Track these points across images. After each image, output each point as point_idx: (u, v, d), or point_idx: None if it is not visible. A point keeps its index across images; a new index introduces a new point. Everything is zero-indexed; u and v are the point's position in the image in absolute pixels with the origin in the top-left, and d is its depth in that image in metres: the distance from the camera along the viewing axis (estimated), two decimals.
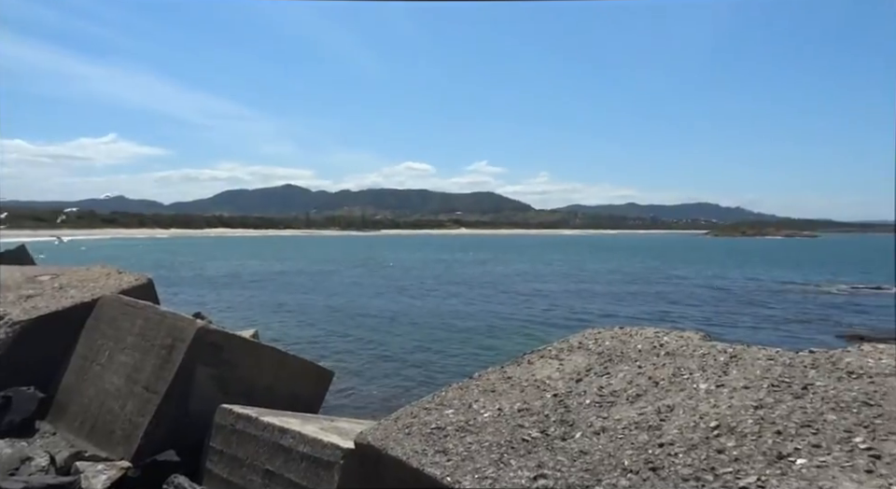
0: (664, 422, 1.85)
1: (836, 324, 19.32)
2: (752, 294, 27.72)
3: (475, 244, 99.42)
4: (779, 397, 1.86)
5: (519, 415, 2.10)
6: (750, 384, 1.99)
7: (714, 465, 1.54)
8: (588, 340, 2.85)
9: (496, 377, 2.55)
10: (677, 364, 2.33)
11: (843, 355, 2.10)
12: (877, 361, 1.98)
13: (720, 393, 1.97)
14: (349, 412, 6.19)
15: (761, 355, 2.25)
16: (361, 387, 8.01)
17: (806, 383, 1.92)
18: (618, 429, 1.86)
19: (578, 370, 2.47)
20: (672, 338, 2.66)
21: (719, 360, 2.28)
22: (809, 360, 2.11)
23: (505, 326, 15.37)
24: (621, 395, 2.14)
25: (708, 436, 1.69)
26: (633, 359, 2.48)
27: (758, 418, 1.74)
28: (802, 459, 1.48)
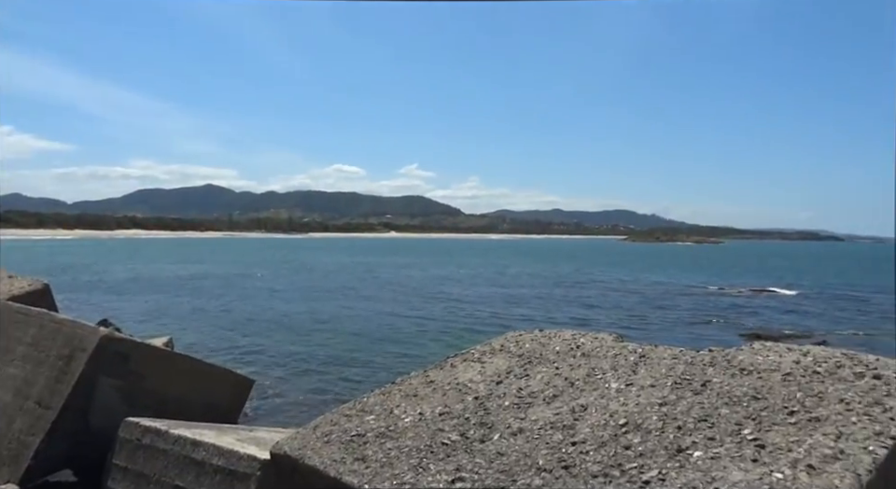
0: (577, 421, 1.92)
1: (736, 324, 20.94)
2: (663, 296, 29.51)
3: (405, 248, 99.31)
4: (681, 393, 1.98)
5: (440, 419, 2.11)
6: (656, 383, 2.11)
7: (621, 461, 1.62)
8: (509, 343, 2.91)
9: (418, 382, 2.55)
10: (591, 364, 2.43)
11: (737, 353, 2.27)
12: (765, 358, 2.16)
13: (629, 391, 2.07)
14: (271, 421, 5.97)
15: (666, 354, 2.40)
16: (284, 395, 7.75)
17: (705, 379, 2.06)
18: (534, 430, 1.91)
19: (499, 372, 2.51)
20: (588, 339, 2.78)
21: (629, 360, 2.40)
22: (708, 359, 2.27)
23: (430, 330, 15.43)
24: (538, 396, 2.20)
25: (617, 433, 1.78)
26: (551, 361, 2.56)
27: (662, 414, 1.85)
28: (698, 452, 1.58)
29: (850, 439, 1.50)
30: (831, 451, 1.46)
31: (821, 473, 1.38)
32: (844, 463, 1.40)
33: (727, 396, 1.90)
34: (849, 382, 1.83)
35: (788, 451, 1.50)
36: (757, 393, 1.88)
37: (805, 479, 1.37)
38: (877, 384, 1.78)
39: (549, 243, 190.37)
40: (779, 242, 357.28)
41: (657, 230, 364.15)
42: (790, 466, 1.43)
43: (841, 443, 1.49)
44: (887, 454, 1.42)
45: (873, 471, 1.37)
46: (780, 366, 2.06)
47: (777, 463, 1.45)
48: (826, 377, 1.90)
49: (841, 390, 1.78)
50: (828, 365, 1.99)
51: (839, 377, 1.88)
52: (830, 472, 1.37)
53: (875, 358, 1.99)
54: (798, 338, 18.53)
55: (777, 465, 1.45)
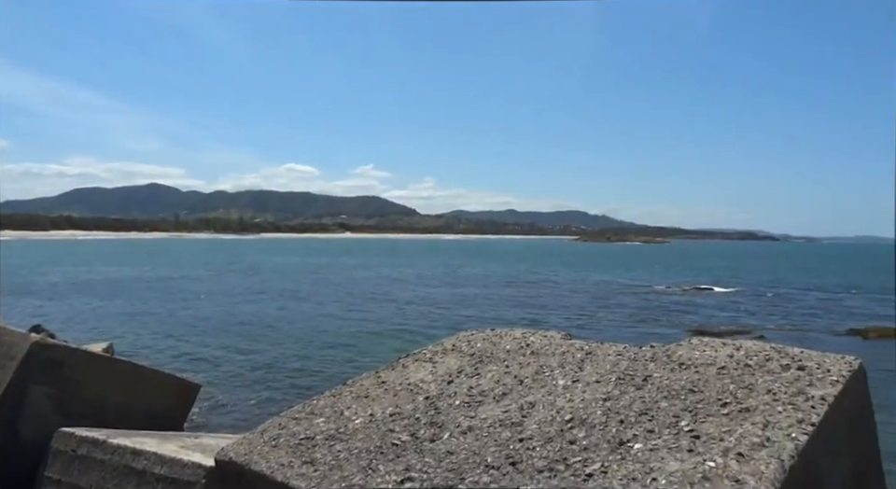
0: (525, 418, 1.96)
1: (680, 321, 21.82)
2: (612, 295, 30.41)
3: (359, 249, 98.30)
4: (624, 388, 2.06)
5: (391, 420, 2.11)
6: (601, 379, 2.18)
7: (566, 455, 1.66)
8: (461, 342, 2.94)
9: (370, 382, 2.54)
10: (540, 362, 2.48)
11: (676, 348, 2.37)
12: (702, 353, 2.26)
13: (575, 388, 2.13)
14: (219, 426, 5.80)
15: (611, 351, 2.47)
16: (232, 400, 7.55)
17: (647, 374, 2.14)
18: (484, 428, 1.94)
19: (450, 371, 2.53)
20: (537, 338, 2.84)
21: (576, 357, 2.47)
22: (650, 354, 2.36)
23: (382, 331, 15.37)
24: (488, 394, 2.23)
25: (563, 429, 1.82)
26: (501, 359, 2.60)
27: (606, 409, 1.91)
28: (638, 444, 1.65)
29: (776, 427, 1.59)
30: (759, 439, 1.55)
31: (749, 460, 1.46)
32: (770, 450, 1.48)
33: (667, 390, 1.99)
34: (777, 373, 1.94)
35: (720, 440, 1.58)
36: (694, 386, 1.97)
37: (734, 466, 1.44)
38: (801, 375, 1.89)
39: (503, 243, 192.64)
40: (721, 241, 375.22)
41: (608, 230, 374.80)
42: (721, 454, 1.51)
43: (768, 431, 1.58)
44: (808, 439, 1.52)
45: (795, 457, 1.46)
46: (716, 360, 2.16)
47: (710, 452, 1.53)
48: (756, 370, 2.01)
49: (769, 381, 1.89)
50: (758, 358, 2.10)
51: (768, 369, 1.99)
52: (757, 459, 1.45)
53: (800, 351, 2.12)
54: (736, 333, 19.45)
55: (711, 454, 1.52)
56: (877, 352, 18.36)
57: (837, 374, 1.85)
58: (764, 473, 1.40)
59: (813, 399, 1.72)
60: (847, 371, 1.87)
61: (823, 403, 1.69)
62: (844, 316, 25.80)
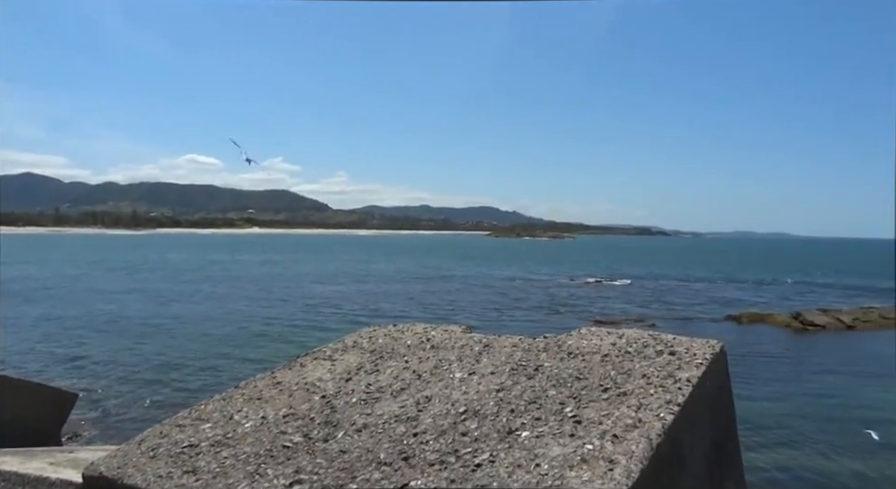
0: (421, 412, 1.97)
1: (582, 311, 23.07)
2: (519, 288, 31.52)
3: (268, 245, 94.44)
4: (517, 379, 2.13)
5: (283, 421, 2.04)
6: (496, 370, 2.24)
7: (458, 447, 1.69)
8: (363, 339, 2.91)
9: (264, 383, 2.45)
10: (439, 356, 2.51)
11: (567, 338, 2.50)
12: (589, 342, 2.40)
13: (471, 380, 2.18)
14: (100, 438, 5.34)
15: (507, 343, 2.56)
16: (116, 408, 6.99)
17: (538, 364, 2.23)
18: (379, 424, 1.93)
19: (349, 369, 2.50)
20: (438, 332, 2.87)
21: (474, 350, 2.52)
22: (543, 345, 2.46)
23: (283, 330, 14.91)
24: (386, 390, 2.23)
25: (456, 421, 1.86)
26: (402, 355, 2.60)
27: (498, 400, 1.97)
28: (526, 432, 1.71)
29: (647, 408, 1.72)
30: (632, 420, 1.66)
31: (623, 441, 1.56)
32: (641, 430, 1.60)
33: (555, 378, 2.08)
34: (652, 359, 2.10)
35: (599, 424, 1.68)
36: (580, 374, 2.09)
37: (609, 447, 1.54)
38: (672, 360, 2.06)
39: (417, 238, 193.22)
40: (621, 236, 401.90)
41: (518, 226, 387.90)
42: (599, 437, 1.60)
43: (640, 413, 1.70)
44: (673, 418, 1.66)
45: (662, 435, 1.58)
46: (600, 348, 2.30)
47: (589, 435, 1.62)
48: (635, 356, 2.16)
49: (645, 366, 2.04)
50: (637, 345, 2.26)
51: (645, 355, 2.15)
52: (629, 440, 1.56)
53: (673, 337, 2.30)
54: (629, 322, 20.88)
55: (590, 437, 1.61)
56: (748, 334, 20.53)
57: (702, 357, 2.04)
58: (635, 452, 1.50)
59: (680, 381, 1.87)
60: (710, 354, 2.06)
61: (688, 384, 1.84)
62: (723, 304, 28.55)
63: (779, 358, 16.70)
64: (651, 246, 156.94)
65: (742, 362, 15.55)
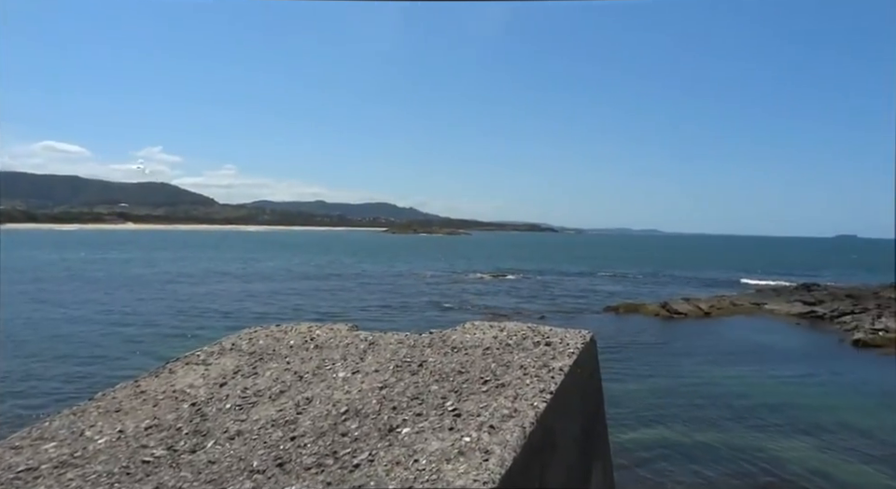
0: (300, 415, 1.90)
1: (474, 306, 23.73)
2: (414, 284, 31.77)
3: (143, 242, 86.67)
4: (400, 376, 2.12)
5: (145, 434, 1.87)
6: (380, 368, 2.22)
7: (337, 448, 1.65)
8: (242, 341, 2.75)
9: (125, 394, 2.22)
10: (323, 356, 2.44)
11: (451, 333, 2.53)
12: (473, 336, 2.45)
13: (354, 379, 2.14)
14: None
15: (393, 340, 2.54)
16: None
17: (422, 360, 2.24)
18: (254, 430, 1.83)
19: (224, 373, 2.35)
20: (323, 331, 2.79)
21: (359, 348, 2.48)
22: (428, 340, 2.48)
23: (155, 335, 13.78)
24: (264, 393, 2.12)
25: (337, 422, 1.81)
26: (283, 356, 2.49)
27: (381, 398, 1.95)
28: (407, 428, 1.71)
29: (523, 398, 1.79)
30: (508, 410, 1.72)
31: (499, 431, 1.61)
32: (515, 420, 1.66)
33: (438, 373, 2.10)
34: (529, 350, 2.20)
35: (477, 416, 1.72)
36: (462, 367, 2.12)
37: (486, 438, 1.58)
38: (547, 350, 2.17)
39: (311, 235, 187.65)
40: (512, 232, 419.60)
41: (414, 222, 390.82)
42: (476, 429, 1.64)
43: (516, 403, 1.77)
44: (546, 407, 1.74)
45: (535, 423, 1.65)
46: (482, 341, 2.36)
47: (467, 428, 1.65)
48: (514, 348, 2.25)
49: (522, 357, 2.13)
50: (517, 337, 2.35)
51: (523, 347, 2.24)
52: (505, 430, 1.61)
53: (549, 329, 2.42)
54: (520, 316, 21.85)
55: (468, 429, 1.65)
56: (624, 323, 22.36)
57: (574, 347, 2.16)
58: (509, 441, 1.55)
59: (553, 370, 1.97)
60: (581, 344, 2.19)
61: (561, 373, 1.95)
62: (603, 297, 30.81)
63: (650, 344, 18.36)
64: (539, 242, 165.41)
65: (619, 349, 16.90)
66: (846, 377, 14.45)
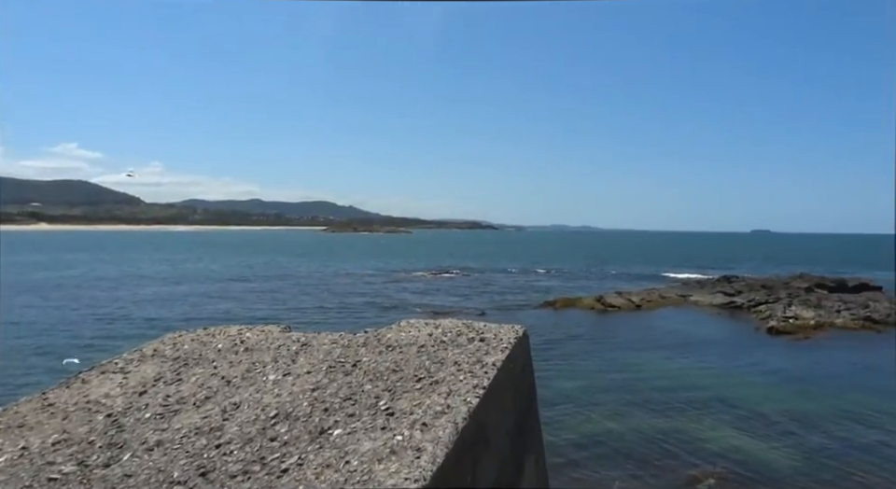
0: (227, 421, 1.82)
1: (415, 305, 23.71)
2: (353, 284, 31.37)
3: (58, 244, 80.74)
4: (334, 376, 2.08)
5: (52, 450, 1.73)
6: (313, 369, 2.17)
7: (264, 454, 1.60)
8: (165, 346, 2.61)
9: (30, 407, 2.06)
10: (253, 359, 2.36)
11: (386, 331, 2.51)
12: (408, 333, 2.44)
13: (285, 382, 2.08)
14: None
15: (327, 340, 2.49)
16: None
17: (356, 360, 2.21)
18: (176, 439, 1.74)
19: (145, 381, 2.22)
20: (254, 333, 2.69)
21: (291, 350, 2.41)
22: (362, 340, 2.44)
23: (68, 343, 12.86)
24: (188, 400, 2.02)
25: (265, 426, 1.75)
26: (210, 360, 2.39)
27: (312, 400, 1.90)
28: (339, 430, 1.67)
29: (456, 394, 1.80)
30: (441, 407, 1.72)
31: (431, 428, 1.61)
32: (448, 416, 1.66)
33: (373, 372, 2.08)
34: (464, 346, 2.21)
35: (410, 414, 1.71)
36: (396, 366, 2.11)
37: (418, 436, 1.58)
38: (482, 346, 2.19)
39: (246, 234, 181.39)
40: (454, 231, 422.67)
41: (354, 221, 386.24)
42: (409, 427, 1.63)
43: (450, 400, 1.77)
44: (479, 402, 1.75)
45: (467, 418, 1.66)
46: (417, 339, 2.36)
47: (400, 427, 1.64)
48: (449, 345, 2.25)
49: (457, 354, 2.13)
50: (451, 334, 2.36)
51: (458, 343, 2.25)
52: (437, 426, 1.61)
53: (484, 325, 2.45)
54: (458, 312, 22.02)
55: (400, 428, 1.63)
56: (561, 317, 23.03)
57: (507, 342, 2.19)
58: (441, 438, 1.55)
59: (487, 366, 1.99)
60: (514, 338, 2.23)
61: (494, 368, 1.97)
62: (541, 292, 31.61)
63: (586, 337, 19.01)
64: (480, 239, 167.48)
65: (557, 342, 17.40)
66: (761, 363, 15.53)
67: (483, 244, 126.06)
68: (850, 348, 17.75)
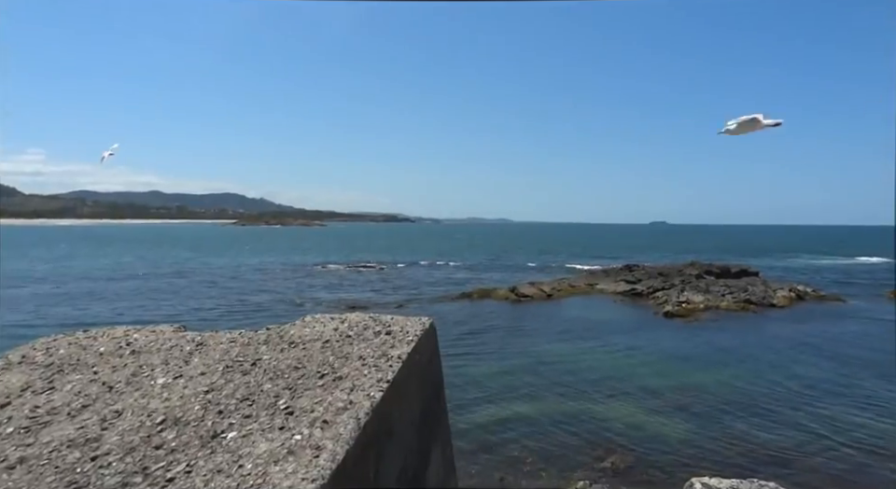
0: (105, 431, 1.67)
1: (325, 298, 23.22)
2: (261, 278, 30.15)
3: None
4: (230, 376, 1.97)
5: None
6: (207, 370, 2.04)
7: (148, 464, 1.48)
8: (37, 351, 2.35)
9: None
10: (140, 362, 2.18)
11: (290, 328, 2.42)
12: (312, 329, 2.37)
13: (176, 384, 1.94)
14: None
15: (225, 339, 2.36)
16: None
17: (256, 358, 2.11)
18: (43, 454, 1.56)
19: (9, 392, 1.98)
20: (143, 335, 2.50)
21: (185, 350, 2.26)
22: (264, 337, 2.34)
23: None
24: (61, 411, 1.83)
25: (151, 434, 1.62)
26: (90, 365, 2.18)
27: (206, 402, 1.79)
28: (233, 433, 1.58)
29: (360, 389, 1.76)
30: (343, 403, 1.68)
31: (332, 425, 1.56)
32: (350, 412, 1.62)
33: (273, 371, 1.99)
34: (370, 340, 2.17)
35: (311, 412, 1.66)
36: (299, 363, 2.03)
37: (318, 434, 1.53)
38: (388, 339, 2.16)
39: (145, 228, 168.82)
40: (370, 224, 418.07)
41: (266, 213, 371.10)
42: (309, 425, 1.57)
43: (353, 395, 1.73)
44: (382, 396, 1.73)
45: (370, 413, 1.63)
46: (322, 335, 2.29)
47: (299, 425, 1.58)
48: (355, 339, 2.21)
49: (362, 348, 2.10)
50: (358, 328, 2.32)
51: (364, 337, 2.21)
52: (339, 423, 1.57)
53: (391, 318, 2.42)
54: (375, 306, 21.87)
55: (300, 427, 1.57)
56: (477, 308, 23.52)
57: (413, 334, 2.18)
58: (342, 435, 1.51)
59: (392, 359, 1.97)
60: (420, 331, 2.22)
61: (399, 361, 1.95)
62: (457, 284, 32.09)
63: (501, 326, 19.54)
64: (397, 232, 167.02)
65: (474, 333, 17.74)
66: (658, 345, 16.76)
67: (399, 237, 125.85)
68: (733, 328, 19.59)
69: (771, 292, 26.52)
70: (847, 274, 40.54)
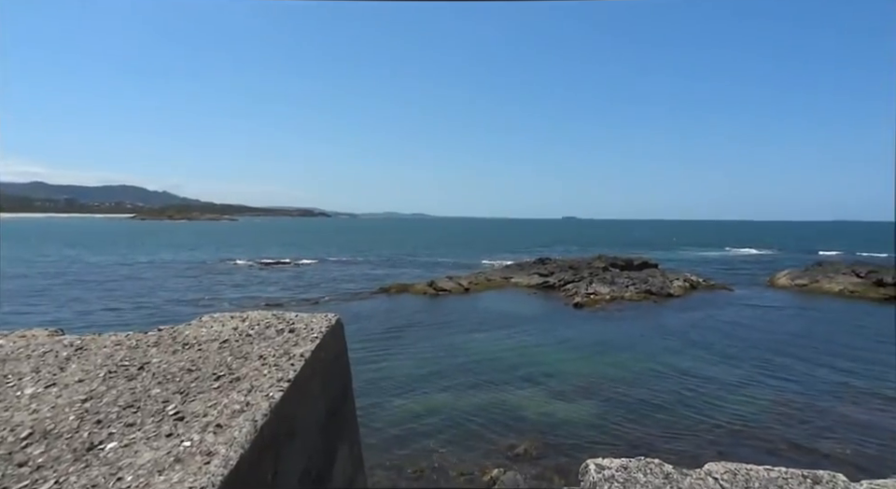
0: None
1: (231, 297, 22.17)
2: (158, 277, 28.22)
3: None
4: (113, 383, 1.81)
5: None
6: (86, 376, 1.86)
7: (9, 483, 1.32)
8: None
9: None
10: (5, 371, 1.95)
11: (185, 328, 2.27)
12: (209, 329, 2.23)
13: (47, 394, 1.75)
14: None
15: (109, 342, 2.17)
16: None
17: (144, 362, 1.95)
18: None
19: None
20: (10, 340, 2.24)
21: (60, 356, 2.05)
22: (154, 339, 2.17)
23: None
24: None
25: (13, 450, 1.45)
26: None
27: (82, 412, 1.63)
28: (113, 443, 1.46)
29: (258, 390, 1.68)
30: (239, 405, 1.59)
31: (227, 429, 1.48)
32: (247, 414, 1.54)
33: (163, 374, 1.85)
34: (271, 339, 2.08)
35: (204, 416, 1.56)
36: (193, 365, 1.91)
37: (210, 439, 1.44)
38: (291, 337, 2.08)
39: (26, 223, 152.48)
40: (284, 218, 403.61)
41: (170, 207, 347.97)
42: (200, 430, 1.48)
43: (250, 397, 1.65)
44: (283, 396, 1.66)
45: (269, 414, 1.56)
46: (220, 334, 2.16)
47: (189, 431, 1.48)
48: (255, 338, 2.11)
49: (263, 347, 2.00)
50: (259, 327, 2.21)
51: (265, 336, 2.11)
52: (233, 426, 1.49)
53: (295, 315, 2.34)
54: (290, 305, 21.20)
55: (190, 433, 1.47)
56: (396, 302, 23.44)
57: (318, 331, 2.12)
58: (236, 438, 1.44)
59: (294, 357, 1.90)
60: (325, 327, 2.16)
61: (302, 359, 1.88)
62: (375, 279, 31.81)
63: (419, 321, 19.60)
64: (312, 228, 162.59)
65: (392, 328, 17.66)
66: (567, 333, 17.57)
67: (315, 231, 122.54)
68: (634, 316, 20.95)
69: (668, 282, 28.62)
70: (729, 265, 44.64)
